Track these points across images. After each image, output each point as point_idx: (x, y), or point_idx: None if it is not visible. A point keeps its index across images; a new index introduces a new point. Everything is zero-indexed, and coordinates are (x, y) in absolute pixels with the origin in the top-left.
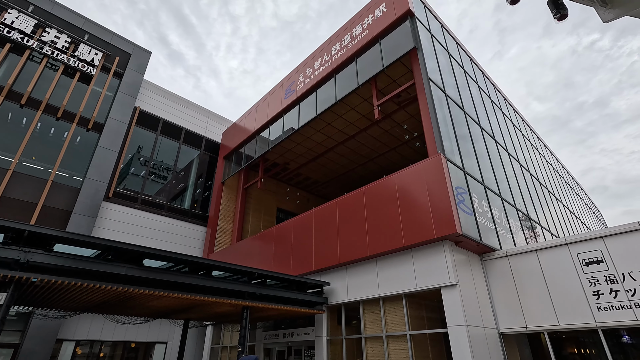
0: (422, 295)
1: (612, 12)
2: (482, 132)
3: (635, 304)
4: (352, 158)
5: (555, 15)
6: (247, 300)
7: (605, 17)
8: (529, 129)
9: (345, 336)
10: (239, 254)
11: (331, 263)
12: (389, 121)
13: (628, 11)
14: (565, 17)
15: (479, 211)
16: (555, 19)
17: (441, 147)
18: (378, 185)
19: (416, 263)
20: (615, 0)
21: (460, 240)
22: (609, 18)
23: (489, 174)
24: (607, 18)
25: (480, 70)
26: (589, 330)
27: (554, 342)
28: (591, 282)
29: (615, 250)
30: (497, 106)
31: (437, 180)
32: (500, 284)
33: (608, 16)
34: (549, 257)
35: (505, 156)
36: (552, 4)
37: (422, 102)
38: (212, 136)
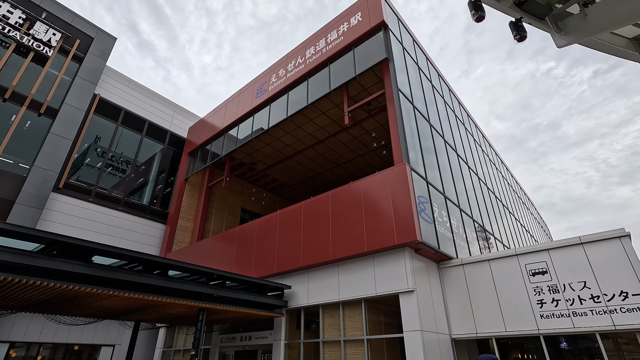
0: (380, 300)
1: (565, 38)
2: (446, 145)
3: (573, 313)
4: (320, 162)
5: (516, 36)
6: (205, 302)
7: (559, 42)
8: (489, 145)
9: (303, 340)
10: (198, 254)
11: (293, 266)
12: (358, 128)
13: (579, 39)
14: (524, 39)
15: (439, 220)
16: (515, 40)
17: (406, 156)
18: (344, 191)
19: (377, 269)
20: (568, 28)
21: (420, 247)
22: (562, 44)
23: (449, 186)
24: (560, 44)
25: (447, 86)
26: (532, 336)
27: (500, 347)
28: (536, 292)
29: (558, 262)
30: (460, 121)
31: (401, 188)
32: (455, 291)
33: (561, 42)
34: (500, 267)
35: (465, 169)
36: (513, 25)
37: (390, 112)
38: (177, 131)
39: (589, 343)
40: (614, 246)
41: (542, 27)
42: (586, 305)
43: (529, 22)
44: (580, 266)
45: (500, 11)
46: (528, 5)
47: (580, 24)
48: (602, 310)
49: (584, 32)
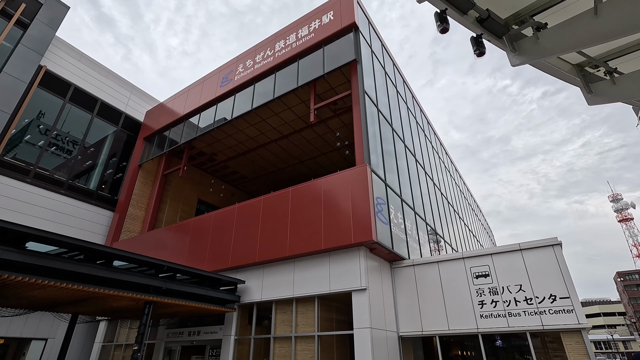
0: (333, 297)
1: (519, 58)
2: (406, 150)
3: (509, 313)
4: (283, 157)
5: (475, 51)
6: (152, 295)
7: (513, 61)
8: (445, 153)
9: (254, 336)
10: (149, 245)
11: (249, 261)
12: (323, 126)
13: (530, 60)
14: (483, 54)
15: (394, 222)
16: (475, 54)
17: (368, 158)
18: (305, 188)
19: (332, 266)
20: (522, 49)
21: (375, 247)
22: (515, 63)
23: (406, 189)
24: (514, 63)
25: (411, 93)
26: (471, 335)
27: (443, 345)
28: (478, 293)
29: (499, 266)
30: (421, 128)
31: (361, 189)
32: (405, 290)
33: (515, 61)
34: (448, 269)
35: (422, 174)
36: (474, 41)
37: (355, 114)
38: (133, 113)
39: (520, 341)
40: (548, 253)
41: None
42: (520, 306)
43: (489, 40)
44: (517, 270)
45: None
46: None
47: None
48: (533, 312)
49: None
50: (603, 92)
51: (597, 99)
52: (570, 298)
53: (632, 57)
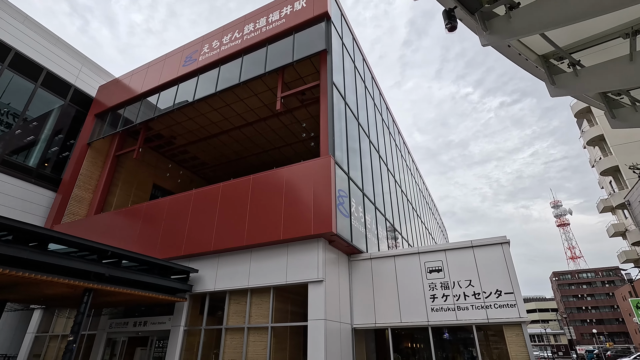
0: (290, 289)
1: (488, 38)
2: (370, 145)
3: (458, 307)
4: (246, 145)
5: (447, 25)
6: (93, 282)
7: (483, 41)
8: (408, 153)
9: (205, 326)
10: (95, 229)
11: (204, 249)
12: (289, 116)
13: (501, 39)
14: (454, 29)
15: (355, 215)
16: (447, 29)
17: (332, 150)
18: (266, 176)
19: (290, 257)
20: (493, 29)
21: (334, 239)
22: (484, 42)
23: (369, 184)
24: (483, 42)
25: (378, 91)
26: (422, 327)
27: (394, 337)
28: (430, 287)
29: (452, 262)
30: (386, 126)
31: (323, 180)
32: (361, 283)
33: (484, 41)
34: (403, 263)
35: (385, 171)
36: (446, 14)
37: (322, 105)
38: (84, 87)
39: (465, 334)
40: (496, 251)
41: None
42: (469, 301)
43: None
44: (468, 266)
45: None
46: None
47: (503, 26)
48: (480, 306)
49: (505, 34)
50: (565, 84)
51: (560, 90)
52: (514, 293)
53: (595, 51)
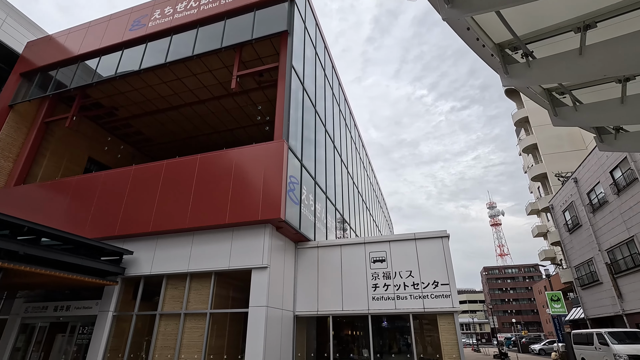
0: (232, 274)
1: (450, 11)
2: (326, 134)
3: (397, 297)
4: (197, 124)
5: None
6: (3, 261)
7: (443, 14)
8: (362, 147)
9: (137, 312)
10: (14, 202)
11: (141, 230)
12: (245, 97)
13: (460, 15)
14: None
15: (305, 203)
16: None
17: (287, 134)
18: (215, 157)
19: (235, 242)
20: (455, 2)
21: (282, 226)
22: (445, 16)
23: (321, 172)
24: (444, 16)
25: (338, 82)
26: (362, 315)
27: (335, 324)
28: (373, 276)
29: (395, 253)
30: (343, 117)
31: (275, 164)
32: (306, 270)
33: (445, 14)
34: (349, 252)
35: (338, 161)
36: None
37: (280, 88)
38: (8, 40)
39: (402, 322)
40: (437, 244)
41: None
42: (408, 290)
43: None
44: (410, 258)
45: None
46: None
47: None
48: (418, 296)
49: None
50: (517, 75)
51: (512, 80)
52: (450, 285)
53: (548, 43)
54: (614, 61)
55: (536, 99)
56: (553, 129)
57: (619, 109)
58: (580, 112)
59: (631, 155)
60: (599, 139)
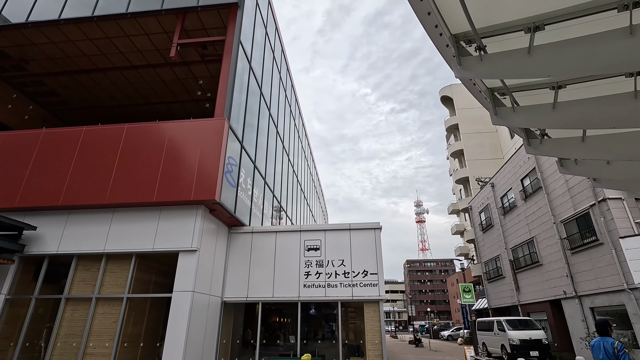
0: (156, 257)
1: None
2: (270, 118)
3: (328, 284)
4: (128, 92)
5: None
6: None
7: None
8: (305, 137)
9: (37, 296)
10: None
11: (48, 203)
12: (185, 69)
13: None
14: None
15: (242, 187)
16: None
17: (228, 113)
18: (146, 128)
19: (162, 222)
20: None
21: (216, 209)
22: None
23: (262, 157)
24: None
25: (286, 66)
26: (292, 302)
27: (265, 311)
28: (307, 264)
29: (329, 242)
30: (289, 104)
31: (214, 143)
32: (239, 256)
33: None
34: (284, 240)
35: (280, 148)
36: None
37: (225, 63)
38: None
39: (329, 310)
40: (369, 235)
41: None
42: (339, 279)
43: None
44: (343, 247)
45: None
46: None
47: None
48: (348, 284)
49: None
50: (469, 67)
51: (464, 72)
52: (378, 274)
53: (500, 39)
54: (558, 64)
55: (479, 97)
56: (478, 138)
57: (550, 114)
58: (517, 113)
59: (539, 166)
60: (527, 142)
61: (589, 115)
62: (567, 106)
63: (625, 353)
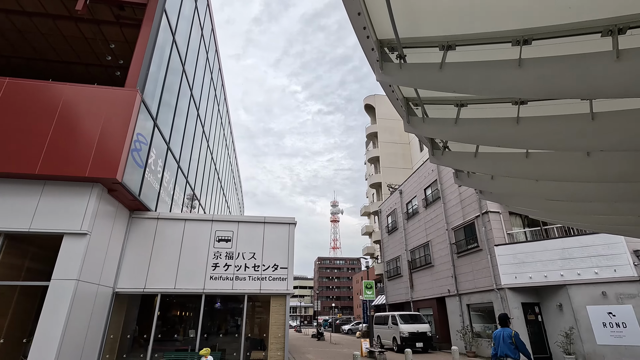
0: (33, 239)
1: None
2: (191, 99)
3: (236, 277)
4: (14, 41)
5: None
6: None
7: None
8: (228, 125)
9: None
10: None
11: None
12: (94, 28)
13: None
14: None
15: (152, 168)
16: None
17: (143, 85)
18: (35, 87)
19: (45, 199)
20: None
21: (116, 189)
22: None
23: (178, 138)
24: None
25: (215, 47)
26: (196, 295)
27: (164, 304)
28: (216, 256)
29: (242, 233)
30: (214, 88)
31: (121, 115)
32: (139, 243)
33: None
34: (194, 228)
35: (200, 132)
36: None
37: (145, 30)
38: None
39: (236, 304)
40: (283, 229)
41: None
42: (248, 272)
43: None
44: (257, 240)
45: None
46: None
47: None
48: (257, 277)
49: None
50: (390, 73)
51: (384, 77)
52: (288, 269)
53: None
54: (461, 82)
55: (396, 104)
56: (393, 147)
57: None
58: (426, 124)
59: (440, 178)
60: (431, 152)
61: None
62: (466, 123)
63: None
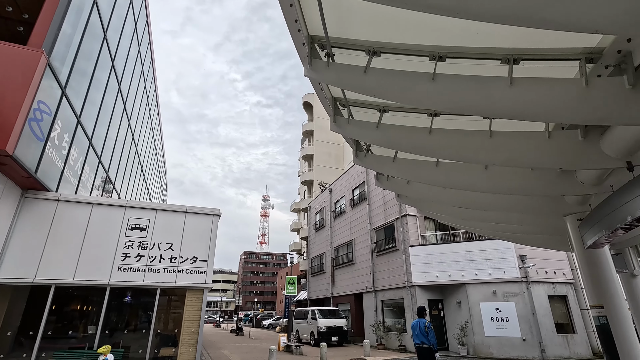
0: None
1: None
2: (113, 71)
3: (149, 269)
4: None
5: None
6: None
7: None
8: (156, 105)
9: None
10: None
11: None
12: None
13: None
14: None
15: (55, 143)
16: None
17: (50, 47)
18: None
19: None
20: None
21: (6, 162)
22: None
23: (92, 113)
24: None
25: (146, 19)
26: (100, 287)
27: (61, 296)
28: (127, 245)
29: (160, 223)
30: (141, 63)
31: (19, 77)
32: (32, 227)
33: None
34: (102, 214)
35: (120, 109)
36: None
37: None
38: None
39: (149, 298)
40: (206, 221)
41: None
42: (163, 264)
43: None
44: (176, 230)
45: None
46: None
47: None
48: (173, 270)
49: None
50: (317, 70)
51: (312, 73)
52: (208, 262)
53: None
54: (384, 88)
55: (325, 103)
56: (327, 147)
57: (374, 132)
58: (351, 125)
59: (367, 180)
60: (355, 153)
61: (399, 140)
62: (386, 128)
63: (431, 329)
